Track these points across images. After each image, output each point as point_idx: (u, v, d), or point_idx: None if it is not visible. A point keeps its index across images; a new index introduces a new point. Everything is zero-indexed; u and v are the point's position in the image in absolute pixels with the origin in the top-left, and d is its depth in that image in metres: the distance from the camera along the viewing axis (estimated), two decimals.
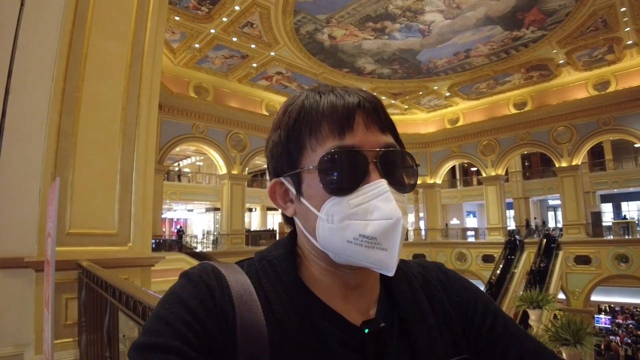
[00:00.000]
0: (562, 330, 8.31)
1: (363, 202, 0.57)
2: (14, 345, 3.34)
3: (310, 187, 0.60)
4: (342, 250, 0.58)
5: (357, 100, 0.61)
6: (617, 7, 12.43)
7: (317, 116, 0.60)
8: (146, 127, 4.20)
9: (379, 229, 0.55)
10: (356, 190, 0.57)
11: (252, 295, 0.57)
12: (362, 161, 0.58)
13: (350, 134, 0.59)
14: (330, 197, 0.58)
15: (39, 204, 3.51)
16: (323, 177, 0.58)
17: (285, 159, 0.63)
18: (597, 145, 20.22)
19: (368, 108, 0.61)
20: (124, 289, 1.75)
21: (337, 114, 0.59)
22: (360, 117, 0.60)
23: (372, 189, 0.57)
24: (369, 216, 0.56)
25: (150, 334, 0.51)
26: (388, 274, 0.56)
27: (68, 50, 3.77)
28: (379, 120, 0.62)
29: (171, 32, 13.57)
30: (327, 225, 0.58)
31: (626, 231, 17.44)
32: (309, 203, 0.61)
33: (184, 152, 27.21)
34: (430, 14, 12.91)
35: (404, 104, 21.39)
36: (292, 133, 0.61)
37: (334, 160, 0.58)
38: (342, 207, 0.57)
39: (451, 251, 21.42)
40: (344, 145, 0.58)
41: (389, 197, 0.56)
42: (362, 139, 0.59)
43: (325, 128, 0.59)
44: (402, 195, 0.60)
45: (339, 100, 0.61)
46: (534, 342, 0.67)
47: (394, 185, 0.59)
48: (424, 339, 0.62)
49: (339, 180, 0.57)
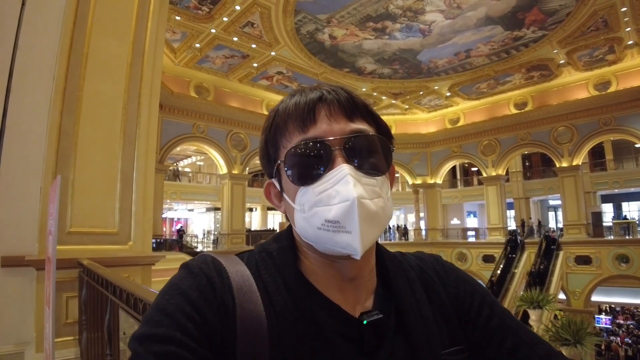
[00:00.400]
0: (562, 330, 8.32)
1: (326, 189, 0.58)
2: (15, 344, 3.35)
3: (287, 183, 0.63)
4: (315, 238, 0.60)
5: (319, 94, 0.64)
6: (618, 7, 12.42)
7: (285, 117, 0.64)
8: (147, 126, 4.20)
9: (339, 212, 0.56)
10: (321, 178, 0.59)
11: (252, 287, 0.58)
12: (325, 150, 0.60)
13: (312, 127, 0.61)
14: (300, 188, 0.61)
15: (40, 203, 3.52)
16: (289, 169, 0.61)
17: (266, 161, 0.68)
18: (597, 146, 20.20)
19: (330, 99, 0.63)
20: (125, 286, 1.76)
21: (299, 111, 0.62)
22: (323, 110, 0.62)
23: (334, 175, 0.59)
24: (332, 201, 0.57)
25: (151, 324, 0.52)
26: (355, 257, 0.57)
27: (69, 50, 3.77)
28: (344, 110, 0.63)
29: (172, 31, 13.58)
30: (301, 215, 0.61)
31: (627, 231, 17.41)
32: (288, 197, 0.64)
33: (184, 152, 27.21)
34: (430, 14, 12.91)
35: (404, 103, 21.38)
36: (269, 137, 0.66)
37: (296, 152, 0.61)
38: (309, 195, 0.59)
39: (452, 251, 21.40)
40: (307, 137, 0.61)
41: (347, 180, 0.57)
42: (326, 129, 0.61)
43: (290, 126, 0.63)
44: (373, 178, 0.61)
45: (302, 98, 0.64)
46: (529, 334, 0.67)
47: (363, 170, 0.60)
48: (420, 330, 0.63)
49: (303, 171, 0.60)
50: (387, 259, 0.70)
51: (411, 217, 28.27)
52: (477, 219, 29.21)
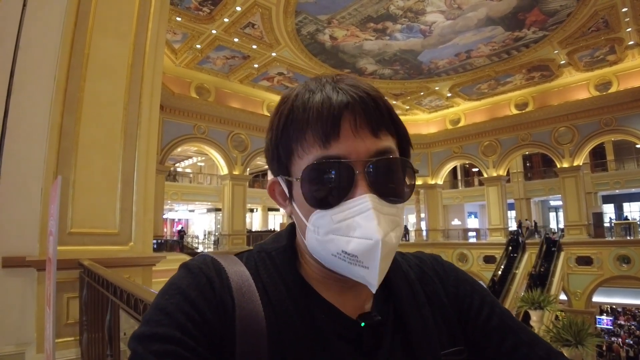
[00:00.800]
0: (563, 331, 8.32)
1: (346, 218, 0.55)
2: (16, 344, 3.36)
3: (299, 196, 0.58)
4: (328, 262, 0.58)
5: (345, 100, 0.56)
6: (619, 7, 12.42)
7: (303, 123, 0.57)
8: (147, 126, 4.21)
9: (360, 248, 0.53)
10: (340, 204, 0.55)
11: (251, 287, 0.58)
12: (347, 173, 0.55)
13: (335, 142, 0.55)
14: (316, 210, 0.57)
15: (41, 203, 3.52)
16: (306, 190, 0.56)
17: (276, 163, 0.62)
18: (598, 146, 20.18)
19: (357, 109, 0.56)
20: (125, 287, 1.76)
21: (322, 121, 0.55)
22: (348, 122, 0.56)
23: (356, 205, 0.54)
24: (351, 233, 0.54)
25: (150, 324, 0.52)
26: (371, 289, 0.55)
27: (70, 50, 3.78)
28: (370, 122, 0.57)
29: (173, 32, 13.59)
30: (314, 237, 0.58)
31: (628, 232, 17.41)
32: (299, 210, 0.60)
33: (185, 153, 27.25)
34: (431, 15, 12.91)
35: (405, 104, 21.39)
36: (281, 138, 0.59)
37: (316, 173, 0.55)
38: (326, 220, 0.56)
39: (452, 252, 21.39)
40: (328, 155, 0.55)
41: (371, 216, 0.53)
42: (349, 147, 0.55)
43: (310, 136, 0.56)
44: (394, 206, 0.57)
45: (326, 103, 0.56)
46: (529, 333, 0.67)
47: (385, 197, 0.56)
48: (419, 331, 0.63)
49: (322, 194, 0.56)
50: None
51: (412, 218, 28.24)
52: (478, 220, 29.20)
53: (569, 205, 18.13)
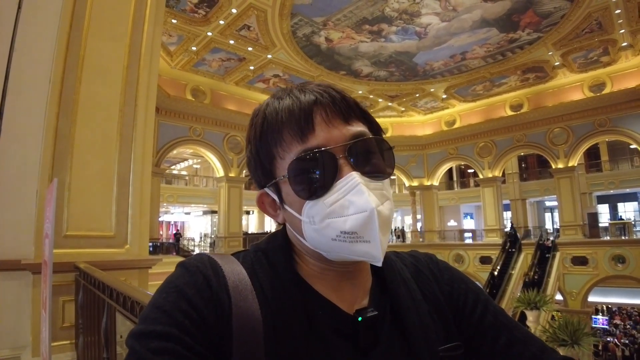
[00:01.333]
0: (559, 331, 8.34)
1: (338, 199, 0.57)
2: (11, 348, 3.33)
3: (289, 195, 0.61)
4: (330, 248, 0.59)
5: (313, 98, 0.60)
6: (612, 9, 12.52)
7: (278, 124, 0.60)
8: (143, 129, 4.20)
9: (357, 223, 0.55)
10: (330, 189, 0.57)
11: (248, 285, 0.58)
12: (329, 159, 0.58)
13: (312, 135, 0.58)
14: (307, 201, 0.58)
15: (36, 206, 3.50)
16: (294, 184, 0.58)
17: (260, 172, 0.64)
18: (593, 147, 20.29)
19: (325, 103, 0.60)
20: (121, 289, 1.75)
21: (295, 118, 0.59)
22: (319, 115, 0.59)
23: (344, 184, 0.57)
24: (346, 212, 0.56)
25: (148, 322, 0.52)
26: (377, 264, 0.57)
27: (65, 52, 3.77)
28: (340, 113, 0.60)
29: (168, 34, 13.57)
30: (311, 227, 0.59)
31: (623, 232, 17.51)
32: (292, 209, 0.61)
33: (181, 155, 27.17)
34: (426, 17, 12.97)
35: (400, 106, 21.44)
36: (260, 146, 0.62)
37: (300, 165, 0.58)
38: (319, 208, 0.57)
39: (449, 253, 21.42)
40: (308, 147, 0.58)
41: (360, 190, 0.56)
42: (326, 136, 0.58)
43: (287, 135, 0.59)
44: (380, 181, 0.60)
45: (295, 103, 0.60)
46: (523, 331, 0.68)
47: (369, 174, 0.59)
48: (416, 326, 0.63)
49: (309, 184, 0.58)
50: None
51: (408, 219, 28.29)
52: (473, 221, 29.28)
53: (564, 205, 18.23)
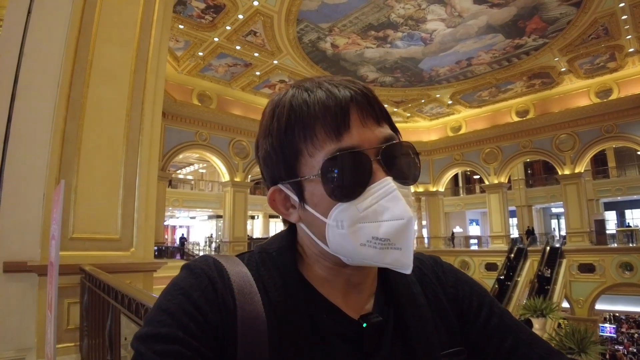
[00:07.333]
0: (566, 339, 8.24)
1: (372, 204, 0.55)
2: (16, 349, 3.35)
3: (314, 195, 0.58)
4: (355, 254, 0.57)
5: (349, 94, 0.58)
6: (618, 15, 12.48)
7: (310, 119, 0.57)
8: (150, 133, 4.23)
9: (392, 230, 0.54)
10: (363, 192, 0.55)
11: (253, 288, 0.58)
12: (364, 161, 0.56)
13: (347, 134, 0.56)
14: (337, 204, 0.56)
15: (43, 208, 3.53)
16: (327, 184, 0.55)
17: (282, 167, 0.60)
18: (600, 153, 20.18)
19: (361, 102, 0.58)
20: (127, 291, 1.76)
21: (330, 115, 0.56)
22: (355, 113, 0.57)
23: (379, 189, 0.55)
24: (380, 217, 0.54)
25: (153, 324, 0.52)
26: (406, 272, 0.56)
27: (74, 57, 3.81)
28: (374, 113, 0.59)
29: (175, 40, 13.69)
30: (337, 232, 0.56)
31: (630, 239, 17.34)
32: (315, 210, 0.58)
33: (187, 159, 27.31)
34: (432, 23, 12.99)
35: (406, 111, 21.44)
36: (285, 140, 0.58)
37: (335, 165, 0.55)
38: (351, 212, 0.55)
39: (454, 259, 21.30)
40: (343, 147, 0.55)
41: (396, 196, 0.55)
42: (361, 137, 0.56)
43: (320, 131, 0.56)
44: (408, 188, 0.59)
45: (330, 98, 0.57)
46: (528, 333, 0.67)
47: (398, 180, 0.57)
48: (419, 331, 0.63)
49: (345, 186, 0.55)
50: None
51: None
52: (479, 227, 29.12)
53: (570, 212, 18.08)
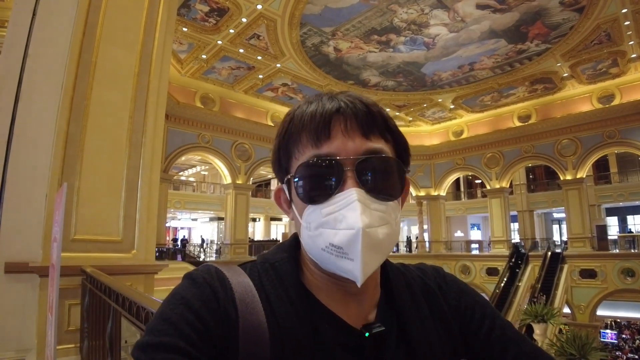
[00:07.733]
0: (567, 344, 8.20)
1: (334, 211, 0.56)
2: (16, 350, 3.35)
3: (296, 196, 0.61)
4: (319, 258, 0.59)
5: (337, 106, 0.61)
6: (621, 21, 12.47)
7: (300, 126, 0.61)
8: (152, 135, 4.24)
9: (344, 239, 0.55)
10: (330, 198, 0.57)
11: (255, 298, 0.58)
12: (337, 169, 0.58)
13: (326, 142, 0.59)
14: (308, 206, 0.59)
15: (45, 210, 3.54)
16: (298, 186, 0.60)
17: (277, 167, 0.66)
18: (602, 158, 20.13)
19: (348, 114, 0.60)
20: (128, 294, 1.76)
21: (314, 123, 0.59)
22: (339, 124, 0.59)
23: (343, 198, 0.57)
24: (338, 225, 0.56)
25: (154, 333, 0.52)
26: (357, 283, 0.55)
27: (77, 59, 3.83)
28: (361, 125, 0.60)
29: (179, 42, 13.73)
30: (307, 233, 0.59)
31: (632, 245, 17.27)
32: (296, 210, 0.63)
33: (189, 162, 27.34)
34: (434, 27, 13.01)
35: (408, 116, 21.44)
36: (282, 143, 0.63)
37: (307, 169, 0.59)
38: (316, 215, 0.58)
39: (455, 264, 21.25)
40: (320, 154, 0.58)
41: (355, 207, 0.55)
42: (340, 146, 0.58)
43: (304, 137, 0.60)
44: (383, 203, 0.59)
45: (319, 108, 0.61)
46: (530, 345, 0.67)
47: (373, 193, 0.58)
48: (422, 342, 0.63)
49: (312, 189, 0.59)
50: (391, 271, 0.70)
51: (414, 229, 28.13)
52: (480, 232, 29.05)
53: (572, 217, 18.01)
